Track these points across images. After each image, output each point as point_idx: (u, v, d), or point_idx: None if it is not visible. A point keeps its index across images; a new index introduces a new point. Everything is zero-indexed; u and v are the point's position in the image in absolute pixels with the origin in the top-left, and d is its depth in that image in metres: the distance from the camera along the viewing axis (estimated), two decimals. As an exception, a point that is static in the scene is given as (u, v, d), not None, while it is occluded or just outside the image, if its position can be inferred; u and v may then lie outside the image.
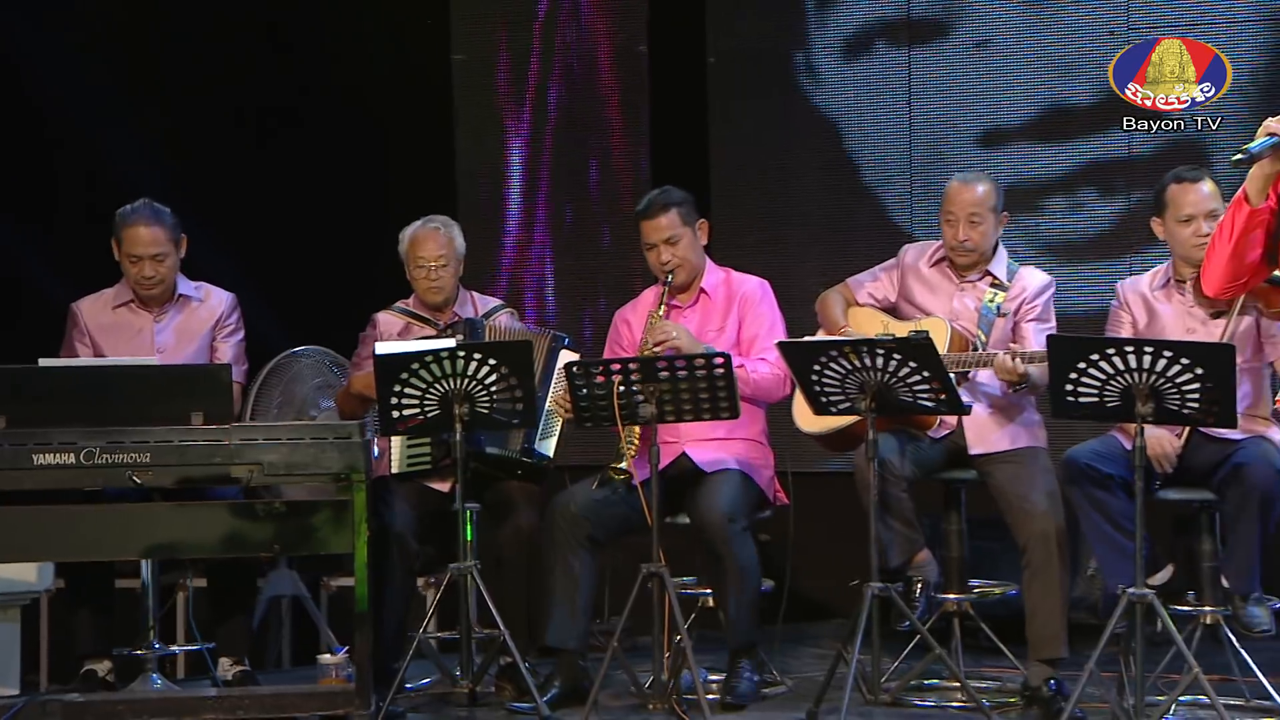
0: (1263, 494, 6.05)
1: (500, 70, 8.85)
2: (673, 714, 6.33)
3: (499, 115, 8.85)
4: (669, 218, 6.67)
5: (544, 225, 8.80)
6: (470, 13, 8.85)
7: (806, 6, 8.59)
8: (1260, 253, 4.17)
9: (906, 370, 6.01)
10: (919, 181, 8.45)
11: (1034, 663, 6.32)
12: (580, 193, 8.84)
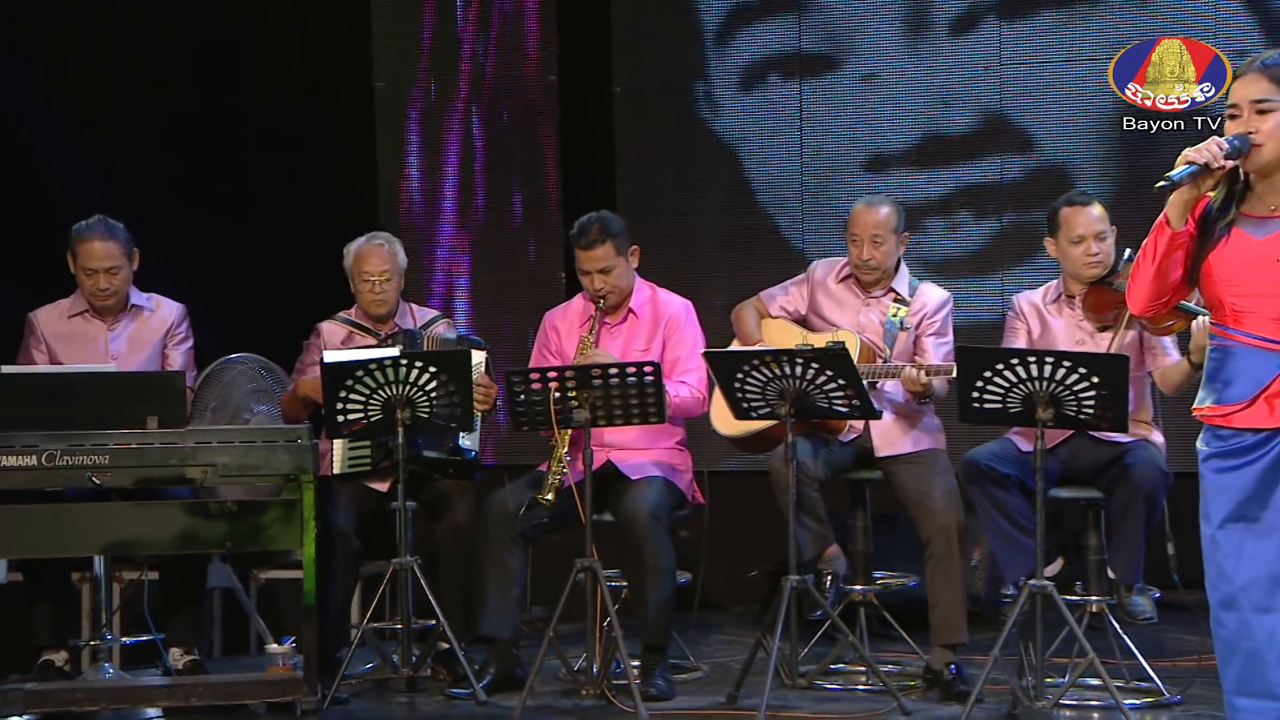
0: (1148, 493, 6.26)
1: (419, 96, 8.89)
2: (603, 699, 6.43)
3: (418, 139, 8.89)
4: (605, 249, 6.74)
5: (459, 243, 8.85)
6: (391, 41, 8.89)
7: (705, 41, 8.69)
8: (1181, 273, 4.26)
9: (824, 379, 6.16)
10: (810, 204, 8.59)
11: (936, 648, 6.49)
12: (498, 214, 8.90)
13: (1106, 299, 6.41)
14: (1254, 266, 4.15)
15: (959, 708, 6.24)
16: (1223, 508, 4.21)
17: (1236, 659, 4.21)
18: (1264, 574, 4.15)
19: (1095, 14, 7.84)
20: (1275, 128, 4.13)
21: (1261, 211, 4.19)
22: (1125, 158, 7.70)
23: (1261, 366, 4.14)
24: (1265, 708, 4.15)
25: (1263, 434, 4.15)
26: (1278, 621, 4.13)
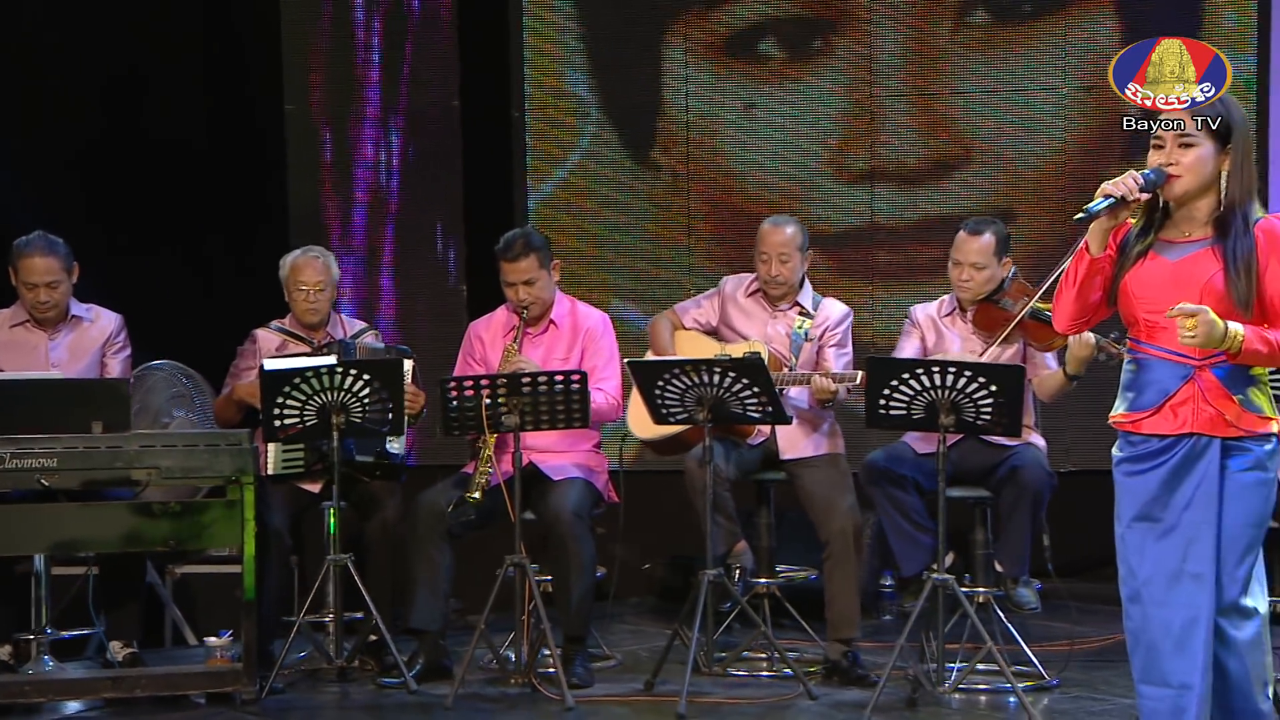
0: (1035, 492, 6.39)
1: (328, 118, 8.83)
2: (529, 687, 6.44)
3: (327, 160, 8.83)
4: (529, 261, 6.75)
5: (369, 259, 8.79)
6: (301, 65, 8.82)
7: (599, 68, 8.71)
8: (1101, 294, 4.36)
9: (740, 386, 6.23)
10: (695, 222, 8.64)
11: (832, 641, 6.56)
12: (405, 232, 8.85)
13: (993, 316, 6.53)
14: (1166, 286, 4.24)
15: (859, 692, 6.35)
16: (1130, 508, 4.30)
17: (1141, 649, 4.30)
18: (1164, 571, 4.23)
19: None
20: (1194, 161, 4.23)
21: (1177, 237, 4.29)
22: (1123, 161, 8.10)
23: (1169, 378, 4.24)
24: (1162, 694, 4.24)
25: (1167, 440, 4.24)
26: (1173, 615, 4.20)
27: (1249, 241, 4.16)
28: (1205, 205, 4.25)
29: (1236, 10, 8.30)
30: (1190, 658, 4.17)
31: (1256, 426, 4.18)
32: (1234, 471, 4.17)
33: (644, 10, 8.69)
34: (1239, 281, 4.15)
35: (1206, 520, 4.17)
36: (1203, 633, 4.16)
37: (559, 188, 8.78)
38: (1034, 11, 8.46)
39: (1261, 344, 4.14)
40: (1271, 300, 4.16)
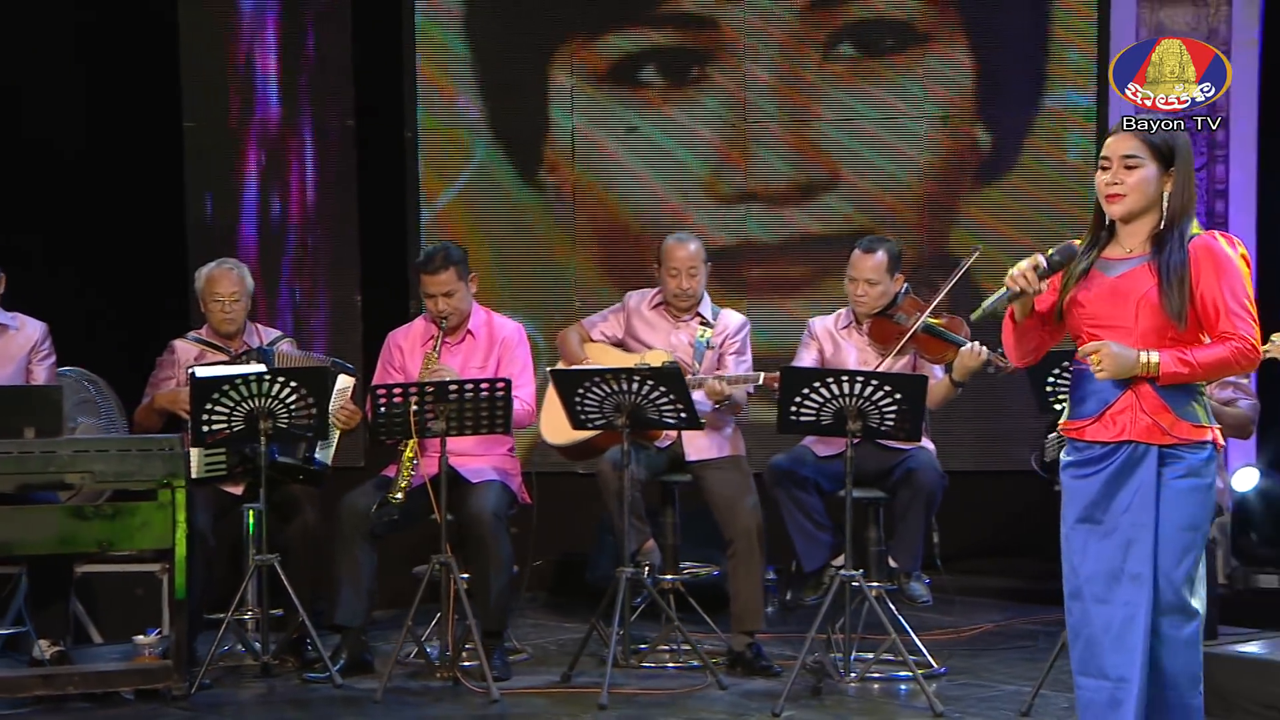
0: (929, 493, 6.41)
1: (226, 136, 8.58)
2: (452, 681, 6.30)
3: (226, 176, 8.58)
4: (448, 274, 6.62)
5: (265, 273, 8.53)
6: (200, 83, 8.56)
7: (489, 92, 8.59)
8: (1042, 336, 4.34)
9: (657, 394, 6.16)
10: (580, 239, 8.57)
11: (736, 634, 6.51)
12: (300, 245, 8.63)
13: (887, 329, 6.55)
14: (1106, 301, 4.22)
15: (764, 681, 6.33)
16: (1074, 510, 4.28)
17: (1080, 642, 4.26)
18: (1104, 570, 4.21)
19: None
20: (1138, 182, 4.20)
21: (1118, 253, 4.26)
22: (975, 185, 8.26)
23: (1108, 388, 4.22)
24: (1099, 686, 4.21)
25: (1109, 446, 4.22)
26: (1113, 612, 4.18)
27: (1183, 257, 4.15)
28: (1147, 223, 4.22)
29: (1078, 50, 8.41)
30: (1128, 653, 4.15)
31: (1192, 435, 4.17)
32: (1169, 479, 4.16)
33: (531, 37, 8.57)
34: (1172, 295, 4.14)
35: (1144, 524, 4.16)
36: (1141, 630, 4.14)
37: (450, 205, 8.62)
38: (895, 46, 8.50)
39: (1181, 366, 4.13)
40: (1203, 312, 4.15)
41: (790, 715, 5.87)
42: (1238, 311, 4.13)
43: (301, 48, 8.61)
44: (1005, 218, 8.43)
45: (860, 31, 8.50)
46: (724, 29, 8.51)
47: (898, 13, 8.48)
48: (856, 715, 5.96)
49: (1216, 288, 4.13)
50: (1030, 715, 5.85)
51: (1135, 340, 4.17)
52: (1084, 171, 8.33)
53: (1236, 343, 4.12)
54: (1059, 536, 7.17)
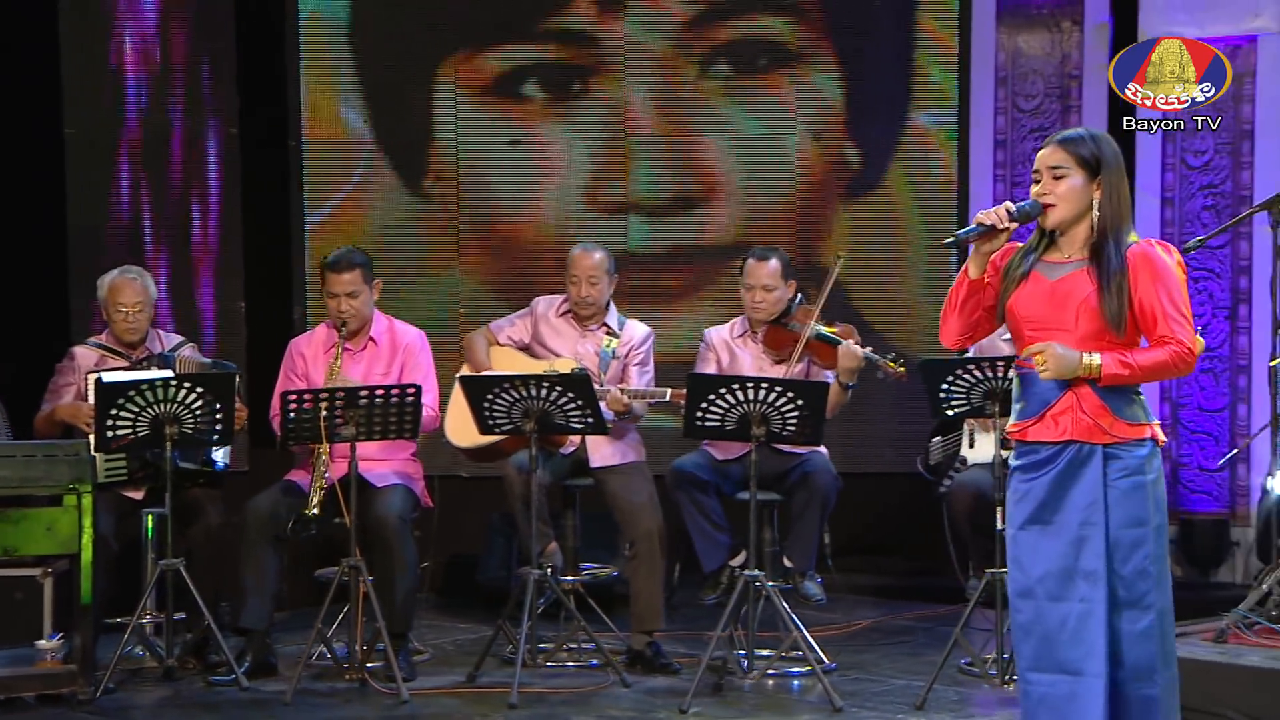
0: (824, 495, 6.35)
1: (109, 143, 8.23)
2: (359, 681, 6.09)
3: (108, 183, 8.23)
4: (353, 275, 6.41)
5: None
6: (82, 90, 8.20)
7: (374, 103, 8.34)
8: (981, 312, 4.28)
9: (565, 400, 6.01)
10: (465, 248, 8.37)
11: (636, 633, 6.38)
12: (182, 253, 8.30)
13: (782, 337, 6.47)
14: (1045, 304, 4.19)
15: (664, 679, 6.22)
16: (1023, 512, 4.23)
17: (1032, 640, 4.20)
18: (1057, 568, 4.16)
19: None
20: (1067, 191, 4.17)
21: (1059, 258, 4.23)
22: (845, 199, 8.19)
23: (1048, 389, 4.18)
24: (1057, 680, 4.16)
25: (1054, 449, 4.17)
26: (1070, 609, 4.14)
27: (1121, 264, 4.13)
28: (1082, 230, 4.19)
29: (940, 70, 8.41)
30: (1087, 647, 4.11)
31: (1130, 434, 4.14)
32: (1113, 479, 4.13)
33: (415, 50, 8.36)
34: (1111, 300, 4.12)
35: (1094, 522, 4.13)
36: (1099, 624, 4.10)
37: (335, 213, 8.37)
38: (768, 66, 8.43)
39: (1122, 368, 4.11)
40: (1142, 317, 4.13)
41: (697, 712, 5.76)
42: (1175, 317, 4.12)
43: (186, 57, 8.29)
44: (872, 231, 8.40)
45: (735, 51, 8.41)
46: (604, 46, 8.38)
47: (771, 34, 8.41)
48: (760, 711, 5.86)
49: (1154, 294, 4.12)
50: (924, 709, 5.79)
51: (1074, 342, 4.14)
52: (946, 187, 8.39)
53: (1175, 346, 4.11)
54: (924, 535, 7.18)
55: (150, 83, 8.29)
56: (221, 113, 8.31)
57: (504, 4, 8.37)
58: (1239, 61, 8.25)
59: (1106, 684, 4.10)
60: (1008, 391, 5.76)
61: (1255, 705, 5.48)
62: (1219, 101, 8.25)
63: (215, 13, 8.30)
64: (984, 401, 5.82)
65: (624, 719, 5.75)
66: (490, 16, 8.37)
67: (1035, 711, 4.23)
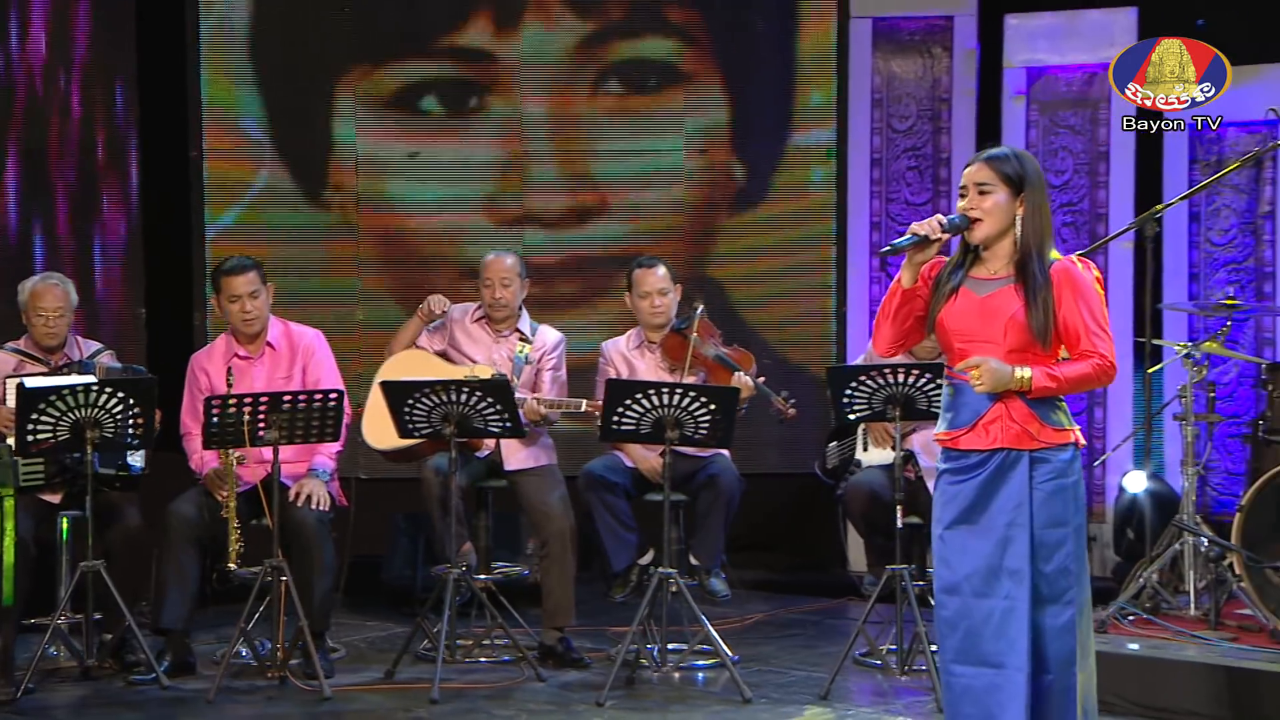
0: (729, 496, 6.34)
1: (7, 150, 7.94)
2: (279, 679, 5.95)
3: (7, 192, 7.95)
4: (251, 276, 6.27)
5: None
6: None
7: (274, 114, 8.18)
8: (913, 321, 4.29)
9: (485, 404, 5.92)
10: (364, 256, 8.24)
11: (548, 629, 6.32)
12: (84, 260, 8.04)
13: (679, 345, 6.44)
14: (975, 318, 4.21)
15: (576, 673, 6.17)
16: (951, 513, 4.24)
17: (956, 634, 4.21)
18: (983, 566, 4.18)
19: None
20: (993, 207, 4.19)
21: (985, 274, 4.25)
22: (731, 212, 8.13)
23: (979, 399, 4.20)
24: (980, 673, 4.18)
25: (983, 454, 4.20)
26: (994, 605, 4.16)
27: (1045, 281, 4.16)
28: (1006, 245, 4.21)
29: (820, 92, 8.46)
30: (1010, 641, 4.13)
31: (1056, 439, 4.18)
32: (1038, 482, 4.16)
33: (317, 62, 8.22)
34: (1037, 316, 4.15)
35: (1019, 524, 4.15)
36: (1021, 621, 4.13)
37: (236, 221, 8.18)
38: (657, 85, 8.42)
39: (1050, 381, 4.14)
40: (1065, 332, 4.17)
41: (614, 704, 5.71)
42: (1097, 332, 4.16)
43: (86, 63, 8.06)
44: (757, 244, 8.43)
45: (626, 70, 8.39)
46: (501, 63, 8.30)
47: (660, 54, 8.41)
48: (673, 704, 5.83)
49: (1076, 310, 4.16)
50: (829, 698, 5.80)
51: (1002, 355, 4.17)
52: (826, 202, 8.45)
53: (1097, 360, 4.16)
54: (808, 534, 7.20)
55: (53, 93, 8.05)
56: (123, 122, 8.08)
57: (404, 20, 8.26)
58: (1095, 88, 8.44)
59: (1027, 677, 4.13)
60: (908, 396, 5.80)
61: (1139, 691, 5.58)
62: (1080, 126, 8.55)
63: (116, 21, 8.08)
64: (885, 406, 5.84)
65: (543, 712, 5.68)
66: (390, 32, 8.25)
67: (958, 702, 4.25)
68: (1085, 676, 4.21)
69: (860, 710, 5.67)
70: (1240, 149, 8.35)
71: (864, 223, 8.47)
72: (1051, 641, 4.17)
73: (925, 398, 5.78)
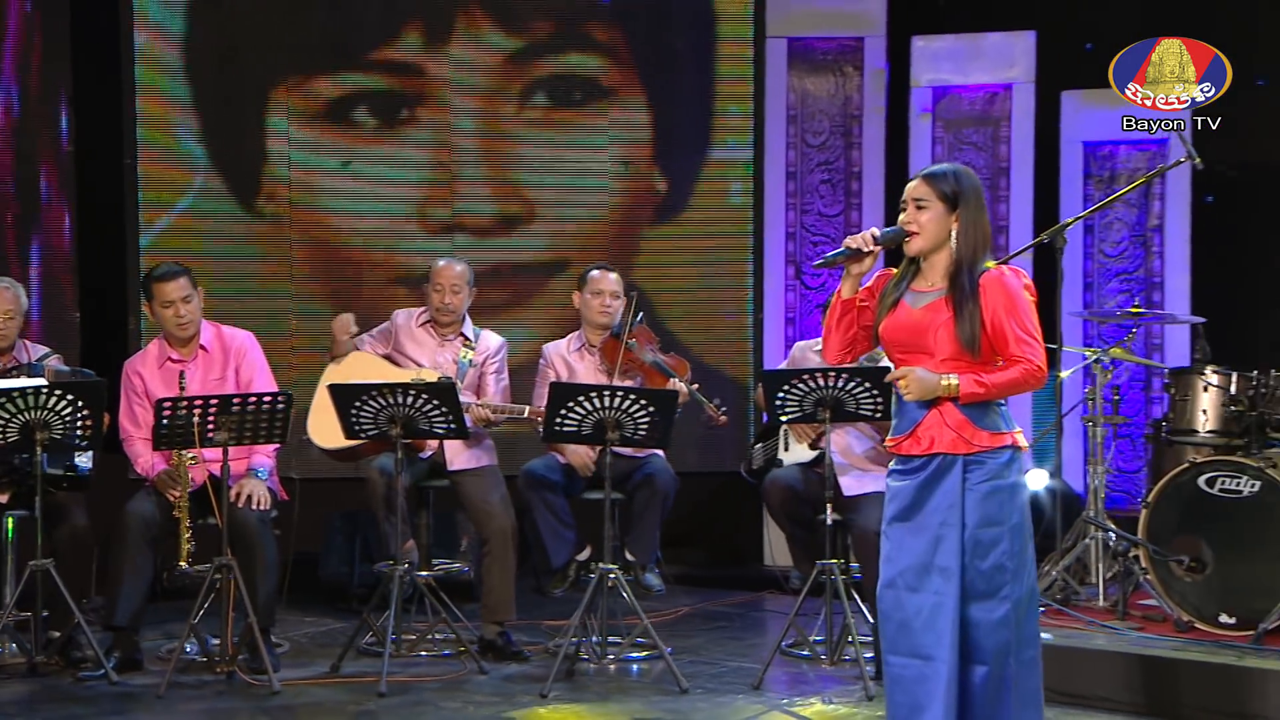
0: (665, 494, 6.36)
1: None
2: (226, 674, 5.87)
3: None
4: (183, 281, 6.18)
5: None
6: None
7: (208, 124, 8.07)
8: (856, 330, 4.33)
9: (431, 407, 5.89)
10: (297, 263, 8.15)
11: (488, 624, 6.29)
12: (18, 266, 7.84)
13: (618, 350, 6.45)
14: (910, 330, 4.26)
15: (516, 666, 6.15)
16: (892, 510, 4.29)
17: (892, 625, 4.26)
18: (917, 563, 4.23)
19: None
20: (928, 221, 4.24)
21: (923, 287, 4.30)
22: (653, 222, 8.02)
23: (915, 408, 4.25)
24: (909, 664, 4.23)
25: (922, 458, 4.25)
26: (924, 600, 4.20)
27: (974, 292, 4.21)
28: (943, 258, 4.26)
29: (739, 106, 8.51)
30: (937, 635, 4.18)
31: (992, 443, 4.22)
32: (973, 483, 4.21)
33: (250, 73, 8.13)
34: (965, 325, 4.20)
35: (951, 524, 4.20)
36: (948, 615, 4.17)
37: (170, 229, 8.06)
38: (583, 99, 8.43)
39: (978, 387, 4.19)
40: (996, 339, 4.21)
41: (557, 695, 5.70)
42: (1025, 339, 4.21)
43: (20, 72, 7.89)
44: (678, 253, 8.46)
45: (552, 85, 8.39)
46: (430, 76, 8.26)
47: (585, 70, 8.42)
48: (614, 694, 5.83)
49: (1005, 318, 4.20)
50: (761, 688, 5.83)
51: (936, 365, 4.21)
52: (744, 214, 8.50)
53: (1025, 365, 4.20)
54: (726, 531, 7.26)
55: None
56: (57, 130, 7.93)
57: (336, 33, 8.20)
58: (996, 106, 8.59)
59: (952, 669, 4.18)
60: (837, 398, 5.85)
61: (1054, 678, 5.66)
62: (982, 143, 8.69)
63: (51, 31, 7.93)
64: (815, 408, 5.89)
65: (489, 703, 5.65)
66: (322, 44, 8.19)
67: (892, 689, 4.31)
68: (1023, 667, 4.26)
69: (793, 699, 5.70)
70: (1131, 165, 8.57)
71: (780, 234, 8.55)
72: (987, 635, 4.21)
73: (854, 400, 5.83)
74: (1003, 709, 4.24)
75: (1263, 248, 8.22)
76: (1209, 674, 5.47)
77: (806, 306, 8.61)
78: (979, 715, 4.24)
